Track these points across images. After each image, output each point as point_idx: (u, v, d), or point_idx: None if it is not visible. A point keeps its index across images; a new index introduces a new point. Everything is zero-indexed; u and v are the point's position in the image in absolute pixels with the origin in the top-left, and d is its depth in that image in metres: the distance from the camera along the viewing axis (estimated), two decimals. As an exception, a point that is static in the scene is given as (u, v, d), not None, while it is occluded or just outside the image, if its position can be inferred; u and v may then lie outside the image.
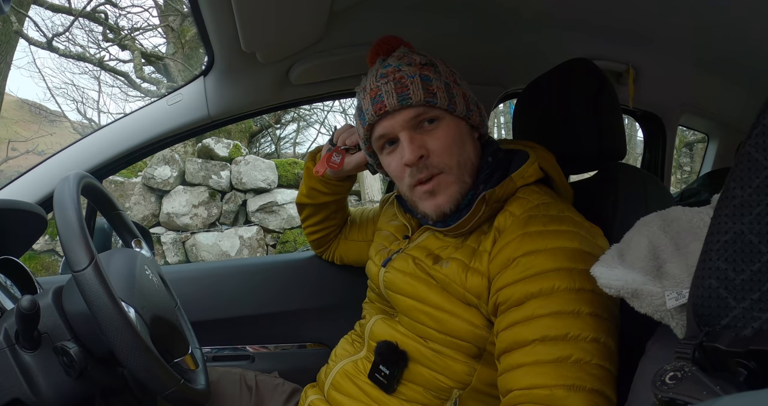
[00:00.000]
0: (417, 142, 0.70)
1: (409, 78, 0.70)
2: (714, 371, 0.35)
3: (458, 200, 0.72)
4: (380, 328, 0.79)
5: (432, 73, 0.71)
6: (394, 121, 0.71)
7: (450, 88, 0.71)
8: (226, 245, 4.70)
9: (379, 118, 0.72)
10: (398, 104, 0.69)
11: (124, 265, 0.70)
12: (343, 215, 1.07)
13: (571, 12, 1.02)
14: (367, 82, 0.75)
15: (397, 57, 0.74)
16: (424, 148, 0.70)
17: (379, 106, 0.70)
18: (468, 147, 0.73)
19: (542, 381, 0.56)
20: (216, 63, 1.00)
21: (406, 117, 0.70)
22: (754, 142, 0.34)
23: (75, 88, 10.80)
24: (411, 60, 0.72)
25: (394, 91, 0.69)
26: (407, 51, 0.75)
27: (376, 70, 0.74)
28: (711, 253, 0.37)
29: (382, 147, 0.76)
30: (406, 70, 0.71)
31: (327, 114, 8.65)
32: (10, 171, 8.14)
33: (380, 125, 0.73)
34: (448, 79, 0.72)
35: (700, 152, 6.33)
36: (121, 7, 6.94)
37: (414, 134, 0.71)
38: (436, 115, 0.71)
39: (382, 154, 0.76)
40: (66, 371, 0.60)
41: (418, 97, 0.69)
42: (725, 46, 1.10)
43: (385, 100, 0.70)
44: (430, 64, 0.72)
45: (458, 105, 0.71)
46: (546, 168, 0.75)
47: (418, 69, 0.71)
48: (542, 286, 0.60)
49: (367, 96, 0.73)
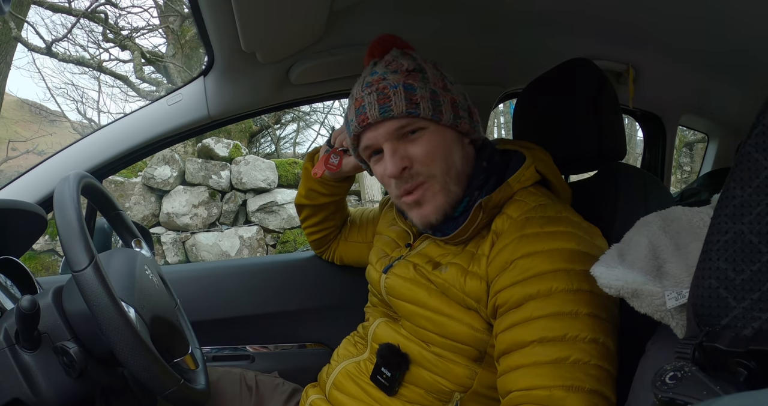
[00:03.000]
0: (400, 153, 0.69)
1: (392, 88, 0.68)
2: (714, 371, 0.35)
3: (446, 210, 0.71)
4: (383, 331, 0.79)
5: (417, 82, 0.69)
6: (377, 133, 0.70)
7: (436, 96, 0.69)
8: (226, 245, 4.70)
9: (363, 130, 0.71)
10: (380, 116, 0.68)
11: (124, 265, 0.70)
12: (342, 215, 1.07)
13: (571, 12, 1.02)
14: (355, 90, 0.74)
15: (385, 63, 0.73)
16: (406, 159, 0.69)
17: (362, 118, 0.70)
18: (455, 155, 0.72)
19: (541, 382, 0.56)
20: (216, 63, 1.00)
21: (388, 129, 0.69)
22: (754, 142, 0.34)
23: (75, 88, 10.85)
24: (398, 66, 0.71)
25: (377, 102, 0.68)
26: (398, 55, 0.73)
27: (364, 77, 0.73)
28: (711, 253, 0.37)
29: (369, 156, 0.75)
30: (390, 80, 0.69)
31: (327, 114, 8.66)
32: (10, 171, 8.14)
33: (365, 136, 0.72)
34: (435, 86, 0.70)
35: (700, 152, 6.33)
36: (121, 8, 6.95)
37: (397, 145, 0.70)
38: (420, 125, 0.69)
39: (371, 162, 0.76)
40: (66, 371, 0.59)
41: (400, 109, 0.67)
42: (725, 47, 1.10)
43: (368, 111, 0.69)
44: (418, 70, 0.71)
45: (444, 113, 0.70)
46: (543, 170, 0.74)
47: (403, 77, 0.69)
48: (540, 287, 0.60)
49: (352, 106, 0.72)
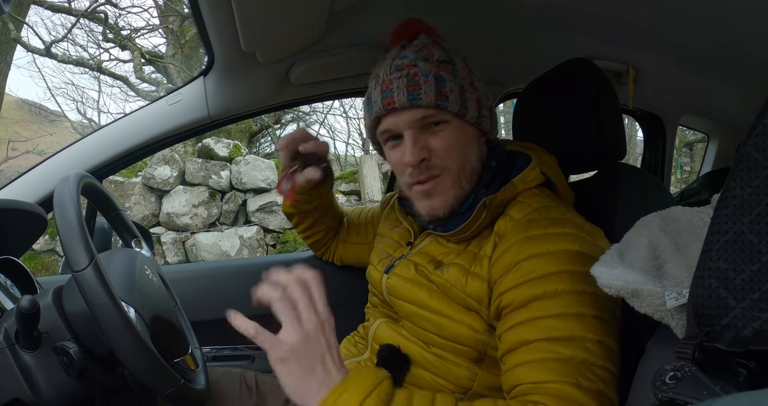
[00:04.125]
0: (420, 143, 0.68)
1: (422, 76, 0.67)
2: (714, 371, 0.35)
3: (453, 206, 0.71)
4: (384, 331, 0.79)
5: (448, 74, 0.68)
6: (401, 119, 0.69)
7: (464, 91, 0.69)
8: (226, 245, 4.70)
9: (386, 113, 0.70)
10: (408, 103, 0.67)
11: (124, 265, 0.70)
12: (334, 216, 1.05)
13: (571, 12, 1.02)
14: (381, 71, 0.71)
15: (416, 48, 0.70)
16: (426, 149, 0.69)
17: (388, 101, 0.68)
18: (472, 153, 0.71)
19: (552, 377, 0.55)
20: (216, 63, 0.99)
21: (413, 117, 0.68)
22: (754, 142, 0.34)
23: (75, 88, 10.87)
24: (429, 54, 0.69)
25: (406, 88, 0.67)
26: (428, 42, 0.71)
27: (392, 59, 0.71)
28: (711, 253, 0.37)
29: (386, 140, 0.74)
30: (421, 67, 0.68)
31: (326, 114, 8.66)
32: (10, 171, 8.14)
33: (386, 120, 0.70)
34: (464, 81, 0.69)
35: (700, 152, 6.33)
36: (121, 8, 6.95)
37: (419, 135, 0.69)
38: (444, 118, 0.68)
39: (386, 146, 0.75)
40: (66, 371, 0.59)
41: (429, 99, 0.66)
42: (725, 46, 1.10)
43: (395, 95, 0.67)
44: (449, 62, 0.69)
45: (470, 110, 0.69)
46: (547, 172, 0.74)
47: (435, 67, 0.68)
48: (545, 289, 0.59)
49: (378, 87, 0.70)
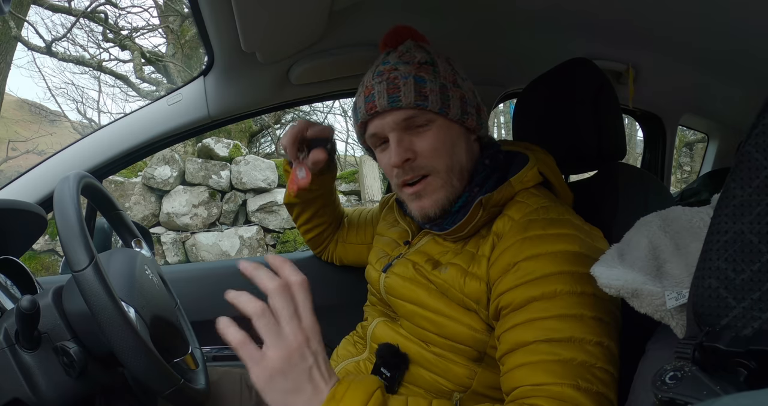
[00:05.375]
0: (404, 144, 0.70)
1: (402, 79, 0.69)
2: (714, 371, 0.35)
3: (444, 205, 0.72)
4: (382, 330, 0.79)
5: (428, 75, 0.70)
6: (384, 122, 0.71)
7: (446, 90, 0.70)
8: (226, 245, 4.70)
9: (370, 117, 0.72)
10: (388, 105, 0.69)
11: (124, 265, 0.70)
12: (334, 210, 1.06)
13: (571, 12, 1.02)
14: (366, 78, 0.74)
15: (398, 53, 0.73)
16: (411, 150, 0.70)
17: (370, 106, 0.71)
18: (461, 151, 0.72)
19: (552, 379, 0.55)
20: (216, 63, 0.99)
21: (396, 118, 0.70)
22: (754, 142, 0.34)
23: (75, 88, 10.89)
24: (411, 58, 0.71)
25: (386, 91, 0.69)
26: (411, 46, 0.73)
27: (376, 65, 0.74)
28: (711, 253, 0.37)
29: (376, 145, 0.76)
30: (401, 70, 0.70)
31: (327, 114, 8.66)
32: (10, 171, 8.14)
33: (372, 124, 0.73)
34: (446, 80, 0.71)
35: (700, 152, 6.33)
36: (121, 8, 6.95)
37: (403, 136, 0.71)
38: (427, 118, 0.70)
39: (377, 150, 0.77)
40: (66, 371, 0.59)
41: (409, 100, 0.68)
42: (725, 46, 1.10)
43: (376, 100, 0.70)
44: (430, 63, 0.71)
45: (452, 108, 0.70)
46: (545, 172, 0.74)
47: (415, 69, 0.70)
48: (544, 289, 0.59)
49: (362, 93, 0.73)
